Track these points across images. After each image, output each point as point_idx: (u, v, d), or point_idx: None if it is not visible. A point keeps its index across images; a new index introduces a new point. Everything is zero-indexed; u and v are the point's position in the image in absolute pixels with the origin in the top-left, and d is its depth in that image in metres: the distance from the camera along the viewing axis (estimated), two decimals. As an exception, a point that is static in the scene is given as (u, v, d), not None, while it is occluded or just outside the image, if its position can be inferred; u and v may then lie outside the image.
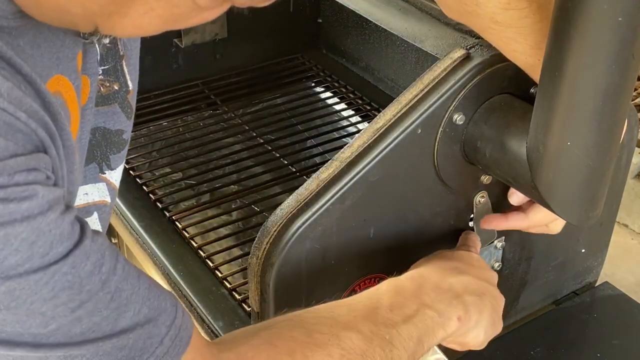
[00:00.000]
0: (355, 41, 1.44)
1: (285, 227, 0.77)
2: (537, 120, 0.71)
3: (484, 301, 0.78)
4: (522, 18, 0.70)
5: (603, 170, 0.71)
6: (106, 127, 0.68)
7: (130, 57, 0.69)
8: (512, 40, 0.72)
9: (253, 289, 0.80)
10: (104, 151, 0.69)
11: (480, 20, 0.72)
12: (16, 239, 0.47)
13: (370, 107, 1.39)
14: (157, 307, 0.56)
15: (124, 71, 0.69)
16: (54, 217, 0.49)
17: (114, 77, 0.68)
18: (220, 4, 0.49)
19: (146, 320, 0.55)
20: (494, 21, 0.71)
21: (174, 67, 1.43)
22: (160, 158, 1.28)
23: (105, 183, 0.69)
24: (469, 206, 0.88)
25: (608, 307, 1.06)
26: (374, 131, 0.78)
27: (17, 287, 0.48)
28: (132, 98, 0.71)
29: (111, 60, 0.67)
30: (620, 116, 0.68)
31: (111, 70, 0.67)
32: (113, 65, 0.67)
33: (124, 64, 0.69)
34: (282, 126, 1.36)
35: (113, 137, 0.69)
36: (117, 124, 0.69)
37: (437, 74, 0.78)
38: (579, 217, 0.75)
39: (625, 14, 0.60)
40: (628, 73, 0.64)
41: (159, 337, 0.56)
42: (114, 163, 0.70)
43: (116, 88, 0.68)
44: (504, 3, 0.70)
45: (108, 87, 0.67)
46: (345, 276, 0.83)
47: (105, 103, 0.68)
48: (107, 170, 0.69)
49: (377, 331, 0.68)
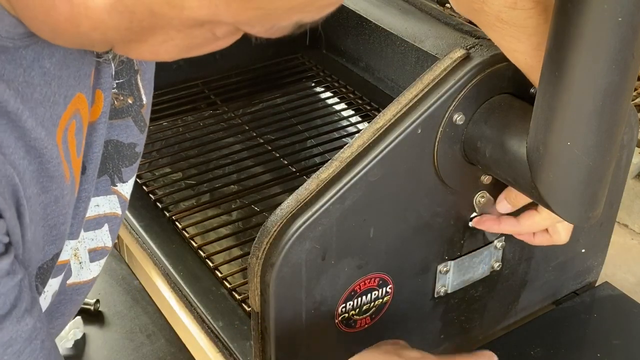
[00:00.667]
0: (355, 41, 1.44)
1: (285, 227, 0.77)
2: (537, 120, 0.71)
3: None
4: (527, 18, 0.70)
5: (603, 170, 0.71)
6: (119, 140, 0.68)
7: (145, 72, 0.69)
8: (515, 40, 0.72)
9: (253, 289, 0.80)
10: (116, 164, 0.69)
11: (486, 18, 0.73)
12: None
13: (370, 107, 1.39)
14: None
15: (138, 85, 0.69)
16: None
17: (128, 91, 0.68)
18: (235, 33, 0.51)
19: None
20: (499, 19, 0.71)
21: (174, 67, 1.43)
22: (160, 158, 1.28)
23: (116, 195, 0.69)
24: (469, 206, 0.88)
25: (608, 307, 1.06)
26: (374, 131, 0.78)
27: None
28: (146, 112, 0.71)
29: (125, 75, 0.67)
30: (620, 116, 0.68)
31: (125, 85, 0.67)
32: (127, 79, 0.67)
33: (138, 79, 0.69)
34: (282, 126, 1.36)
35: (125, 150, 0.69)
36: (129, 137, 0.69)
37: (437, 74, 0.78)
38: (579, 217, 0.75)
39: (625, 14, 0.60)
40: (628, 73, 0.64)
41: None
42: (126, 176, 0.70)
43: (130, 102, 0.68)
44: (511, 2, 0.70)
45: (122, 100, 0.67)
46: (345, 276, 0.83)
47: (119, 116, 0.68)
48: (119, 183, 0.70)
49: None
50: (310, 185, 0.77)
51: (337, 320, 0.85)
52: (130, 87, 0.68)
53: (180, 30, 0.48)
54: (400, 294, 0.88)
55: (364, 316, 0.87)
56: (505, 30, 0.72)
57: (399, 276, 0.87)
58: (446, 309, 0.95)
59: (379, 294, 0.87)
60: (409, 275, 0.88)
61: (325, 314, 0.84)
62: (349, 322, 0.86)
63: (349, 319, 0.86)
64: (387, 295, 0.88)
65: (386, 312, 0.89)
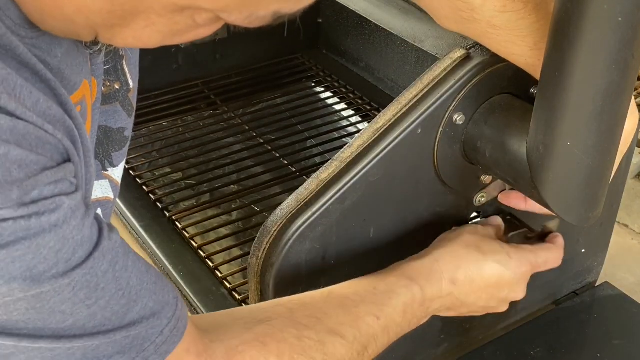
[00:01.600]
0: (355, 41, 1.44)
1: (285, 227, 0.77)
2: (537, 120, 0.71)
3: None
4: (519, 20, 0.70)
5: (603, 170, 0.71)
6: (108, 125, 0.69)
7: (130, 57, 0.70)
8: (510, 44, 0.72)
9: (253, 289, 0.80)
10: (106, 149, 0.70)
11: (477, 26, 0.73)
12: (45, 248, 0.50)
13: (370, 107, 1.39)
14: (161, 301, 0.60)
15: (124, 70, 0.70)
16: (76, 223, 0.52)
17: (115, 77, 0.69)
18: (216, 21, 0.51)
19: (151, 313, 0.58)
20: (492, 25, 0.71)
21: (174, 67, 1.43)
22: (160, 158, 1.28)
23: (108, 180, 0.70)
24: (469, 206, 0.88)
25: (608, 307, 1.06)
26: (374, 131, 0.78)
27: (43, 292, 0.51)
28: (133, 96, 0.72)
29: (111, 61, 0.68)
30: (620, 116, 0.68)
31: (112, 70, 0.68)
32: (113, 65, 0.68)
33: (124, 64, 0.70)
34: (282, 126, 1.36)
35: (115, 135, 0.70)
36: (118, 122, 0.70)
37: (437, 74, 0.78)
38: (579, 217, 0.75)
39: (625, 14, 0.60)
40: (628, 73, 0.64)
41: (160, 327, 0.59)
42: (116, 160, 0.71)
43: (117, 87, 0.69)
44: (500, 6, 0.70)
45: (109, 86, 0.69)
46: (345, 276, 0.83)
47: (107, 102, 0.69)
48: (110, 167, 0.71)
49: (360, 336, 0.72)
50: (310, 185, 0.77)
51: (337, 320, 0.85)
52: (117, 72, 0.69)
53: (161, 15, 0.50)
54: (400, 294, 0.88)
55: (364, 316, 0.87)
56: (499, 36, 0.72)
57: (399, 276, 0.87)
58: (446, 309, 0.95)
59: (379, 294, 0.87)
60: (409, 275, 0.88)
61: (325, 314, 0.84)
62: (349, 322, 0.86)
63: (349, 319, 0.86)
64: (387, 295, 0.87)
65: (386, 312, 0.89)
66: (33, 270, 0.50)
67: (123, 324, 0.57)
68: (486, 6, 0.71)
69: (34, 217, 0.49)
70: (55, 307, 0.52)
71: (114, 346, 0.57)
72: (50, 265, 0.50)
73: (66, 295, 0.52)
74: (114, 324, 0.56)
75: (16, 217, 0.48)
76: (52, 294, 0.51)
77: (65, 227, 0.51)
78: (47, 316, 0.52)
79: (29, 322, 0.52)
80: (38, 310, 0.52)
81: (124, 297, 0.56)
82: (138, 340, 0.58)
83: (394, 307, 0.75)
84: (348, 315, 0.73)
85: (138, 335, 0.58)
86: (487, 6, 0.71)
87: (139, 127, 1.33)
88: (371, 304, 0.75)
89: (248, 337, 0.67)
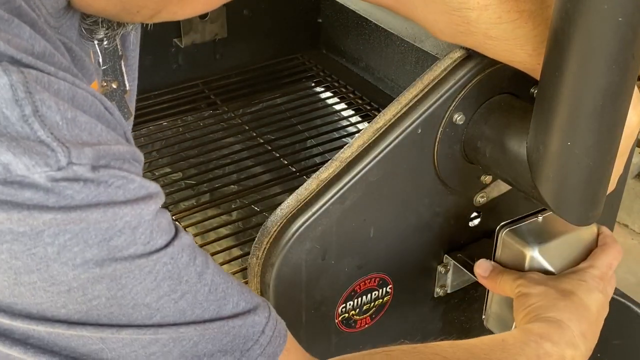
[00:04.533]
0: (355, 41, 1.44)
1: (285, 227, 0.77)
2: (537, 120, 0.71)
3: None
4: (515, 29, 0.70)
5: (603, 170, 0.71)
6: None
7: (129, 58, 0.70)
8: (509, 53, 0.72)
9: (253, 289, 0.80)
10: None
11: (474, 38, 0.73)
12: (121, 220, 0.48)
13: (370, 107, 1.39)
14: (252, 301, 0.57)
15: (122, 70, 0.70)
16: (154, 208, 0.50)
17: (112, 77, 0.69)
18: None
19: (246, 311, 0.56)
20: (488, 37, 0.71)
21: (174, 67, 1.43)
22: (160, 158, 1.28)
23: None
24: (469, 206, 0.88)
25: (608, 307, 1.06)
26: (374, 131, 0.78)
27: (123, 273, 0.49)
28: (130, 100, 0.72)
29: (109, 61, 0.68)
30: (620, 116, 0.68)
31: (110, 70, 0.68)
32: (112, 64, 0.68)
33: (122, 64, 0.69)
34: (282, 126, 1.36)
35: None
36: None
37: (437, 74, 0.78)
38: (579, 217, 0.75)
39: (625, 14, 0.60)
40: (628, 73, 0.64)
41: (260, 325, 0.57)
42: None
43: (114, 87, 0.69)
44: (495, 18, 0.70)
45: (105, 86, 0.68)
46: (345, 276, 0.83)
47: None
48: None
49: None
50: (310, 185, 0.77)
51: (337, 320, 0.85)
52: (115, 72, 0.69)
53: None
54: (400, 294, 0.88)
55: (364, 316, 0.87)
56: (497, 47, 0.72)
57: (399, 276, 0.87)
58: (446, 309, 0.95)
59: (379, 294, 0.87)
60: (409, 275, 0.88)
61: (325, 314, 0.84)
62: (349, 322, 0.86)
63: (349, 319, 0.86)
64: (387, 295, 0.88)
65: (386, 312, 0.89)
66: (110, 242, 0.47)
67: (219, 316, 0.54)
68: (481, 19, 0.70)
69: (103, 185, 0.47)
70: (139, 299, 0.50)
71: (213, 342, 0.54)
72: (128, 242, 0.48)
73: (149, 284, 0.50)
74: (206, 320, 0.54)
75: (88, 178, 0.46)
76: (132, 280, 0.49)
77: (141, 204, 0.49)
78: (130, 310, 0.50)
79: (112, 318, 0.50)
80: (120, 300, 0.49)
81: (211, 294, 0.54)
82: (239, 339, 0.55)
83: (527, 357, 0.70)
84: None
85: (238, 334, 0.55)
86: (483, 19, 0.70)
87: (139, 127, 1.33)
88: (502, 352, 0.70)
89: (367, 359, 0.64)
